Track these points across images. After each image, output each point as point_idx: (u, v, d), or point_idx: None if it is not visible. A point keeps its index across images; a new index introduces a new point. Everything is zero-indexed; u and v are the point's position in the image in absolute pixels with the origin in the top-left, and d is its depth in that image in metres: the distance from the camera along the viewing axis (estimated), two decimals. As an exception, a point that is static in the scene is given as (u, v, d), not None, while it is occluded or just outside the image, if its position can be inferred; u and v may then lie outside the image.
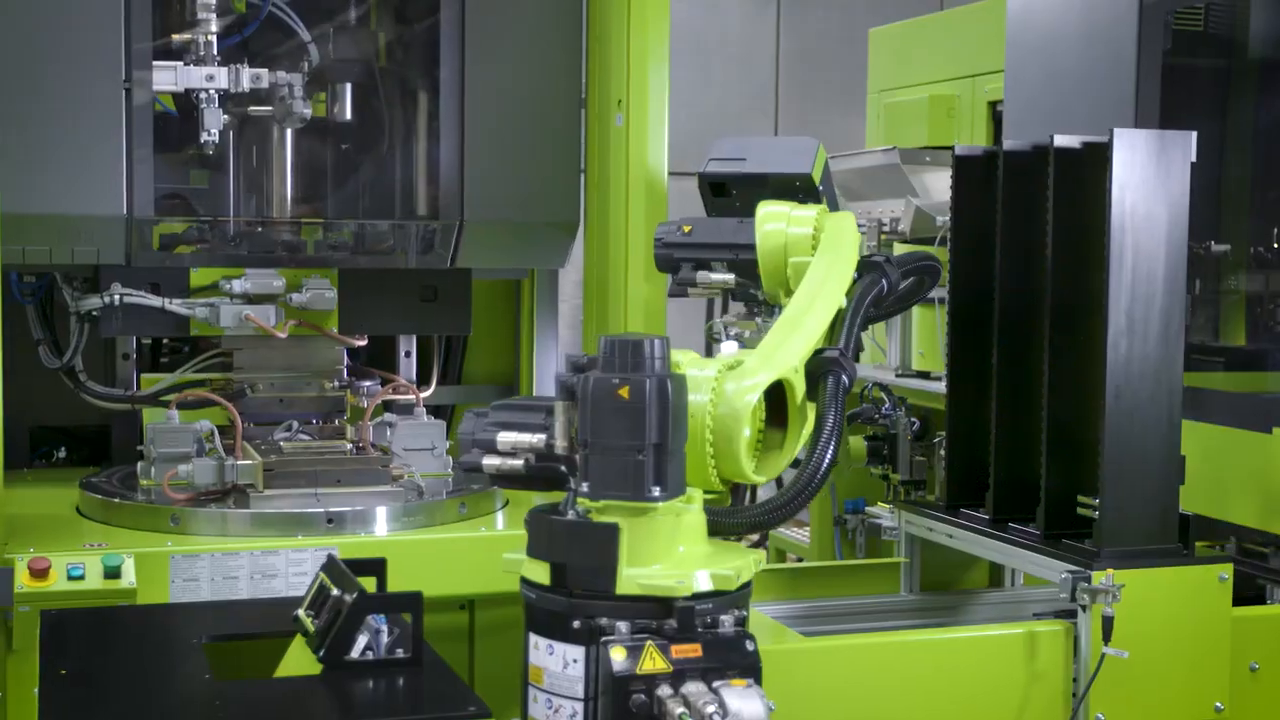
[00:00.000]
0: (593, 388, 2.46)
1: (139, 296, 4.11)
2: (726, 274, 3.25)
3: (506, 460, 2.61)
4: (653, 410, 2.43)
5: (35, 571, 3.35)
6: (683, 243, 3.29)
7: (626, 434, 2.44)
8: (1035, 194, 3.44)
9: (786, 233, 3.14)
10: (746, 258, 3.19)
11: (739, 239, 3.22)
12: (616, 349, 2.47)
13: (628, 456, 2.44)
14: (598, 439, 2.46)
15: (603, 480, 2.46)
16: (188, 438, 4.02)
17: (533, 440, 2.58)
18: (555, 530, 2.54)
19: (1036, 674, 3.13)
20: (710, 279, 3.26)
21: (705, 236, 3.30)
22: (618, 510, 2.48)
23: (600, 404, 2.44)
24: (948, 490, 3.70)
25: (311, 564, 3.64)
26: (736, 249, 3.22)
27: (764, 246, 3.15)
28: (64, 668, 2.54)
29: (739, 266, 3.25)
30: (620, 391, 2.43)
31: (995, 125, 6.21)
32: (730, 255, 3.24)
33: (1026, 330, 3.48)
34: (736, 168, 3.39)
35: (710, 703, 2.39)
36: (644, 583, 2.47)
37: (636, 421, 2.44)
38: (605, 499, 2.48)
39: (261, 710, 2.41)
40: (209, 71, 3.99)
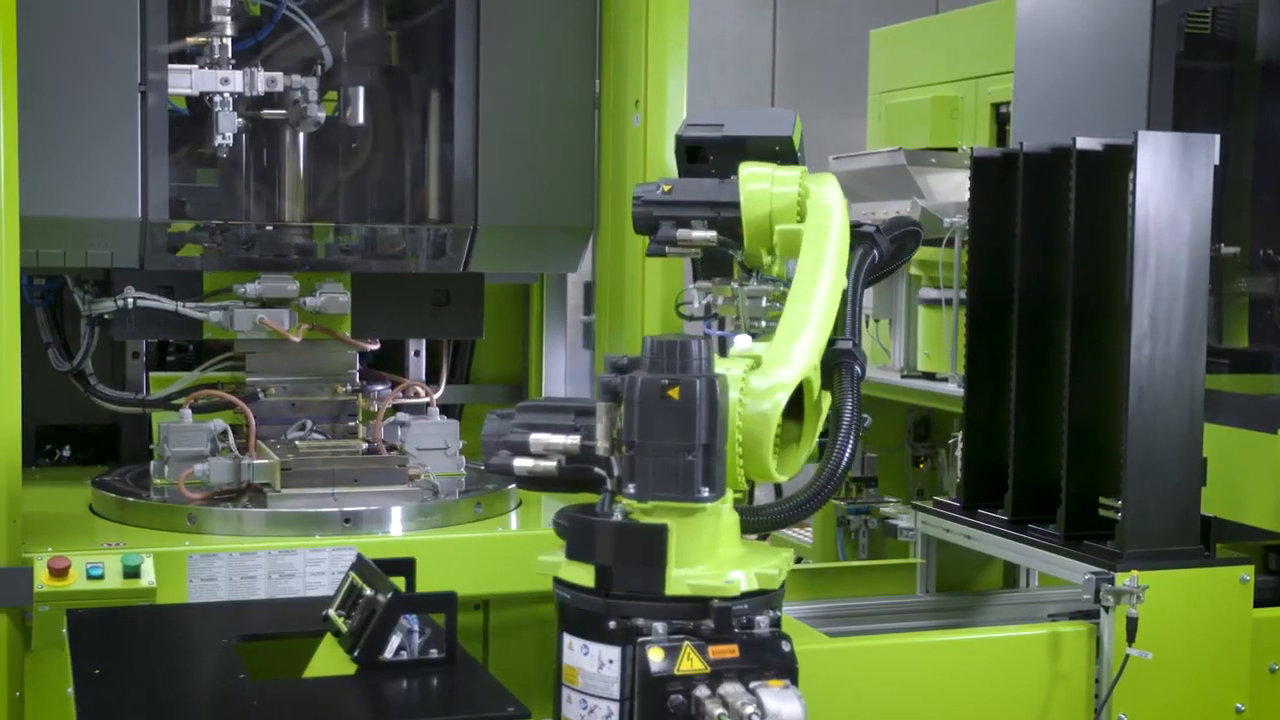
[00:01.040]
0: (641, 388, 2.46)
1: (153, 300, 4.10)
2: (708, 231, 3.16)
3: (539, 462, 2.60)
4: (703, 411, 2.44)
5: (55, 571, 3.34)
6: (662, 200, 3.21)
7: (676, 434, 2.45)
8: (1054, 195, 3.46)
9: (771, 192, 3.09)
10: (729, 215, 3.13)
11: (721, 197, 3.16)
12: (665, 350, 2.47)
13: (677, 457, 2.45)
14: (646, 440, 2.46)
15: (651, 481, 2.47)
16: (202, 437, 4.01)
17: (566, 442, 2.57)
18: (601, 532, 2.53)
19: (1059, 675, 3.14)
20: (691, 236, 3.16)
21: (686, 195, 3.21)
22: (666, 511, 2.48)
23: (649, 405, 2.44)
24: (964, 491, 3.72)
25: (329, 564, 3.64)
26: (718, 207, 3.15)
27: (748, 205, 3.10)
28: (96, 667, 2.53)
29: (720, 225, 3.17)
30: (670, 392, 2.43)
31: (998, 127, 6.23)
32: (711, 213, 3.15)
33: (1045, 331, 3.50)
34: (714, 132, 3.32)
35: (749, 703, 2.40)
36: (693, 583, 2.48)
37: (686, 422, 2.44)
38: (654, 500, 2.48)
39: (301, 711, 2.41)
40: (224, 75, 3.98)
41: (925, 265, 5.53)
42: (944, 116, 6.45)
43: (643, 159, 4.03)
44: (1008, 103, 6.12)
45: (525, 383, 4.97)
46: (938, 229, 5.41)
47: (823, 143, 10.37)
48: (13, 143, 3.37)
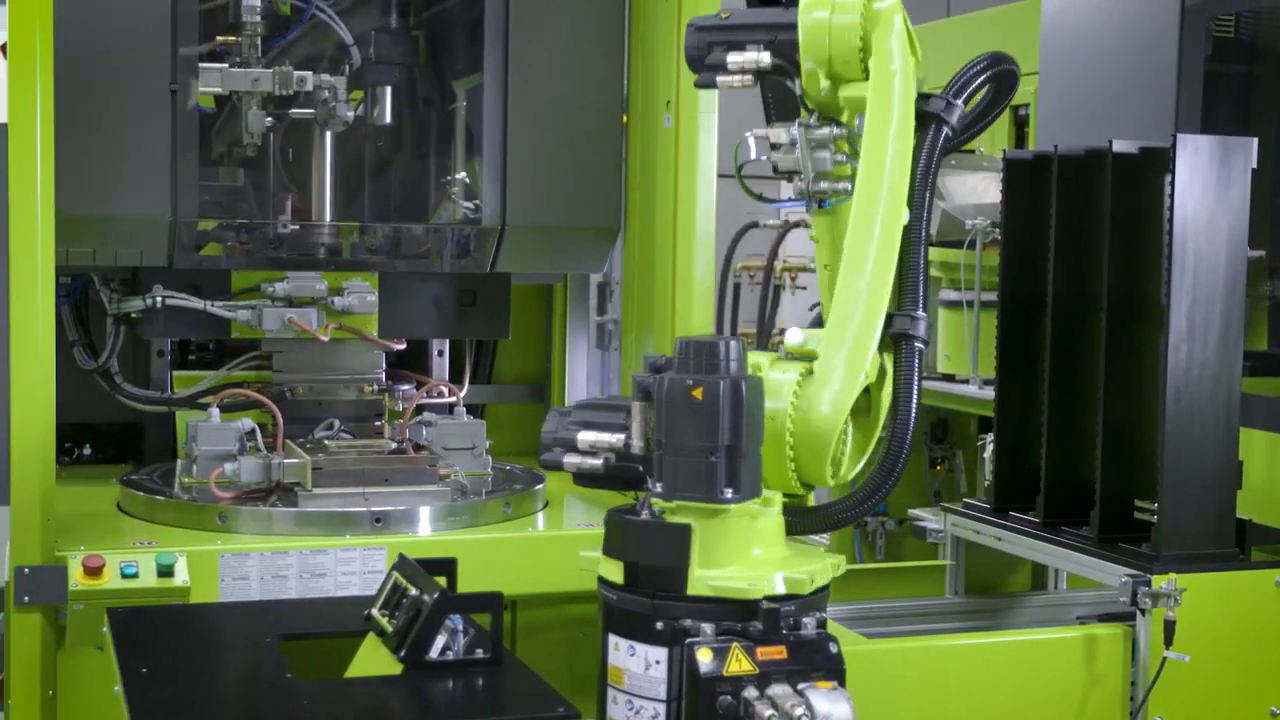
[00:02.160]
0: (667, 389, 2.46)
1: (181, 299, 4.11)
2: (762, 53, 2.84)
3: (586, 459, 2.61)
4: (725, 412, 2.44)
5: (89, 569, 3.34)
6: (716, 25, 2.90)
7: (699, 435, 2.45)
8: (1089, 198, 3.46)
9: (830, 23, 2.76)
10: (785, 38, 2.81)
11: (775, 19, 2.86)
12: (692, 350, 2.48)
13: (700, 458, 2.45)
14: (671, 439, 2.46)
15: (676, 481, 2.48)
16: (230, 436, 4.00)
17: (612, 440, 2.58)
18: (629, 530, 2.54)
19: (1095, 677, 3.15)
20: (744, 58, 2.84)
21: (743, 19, 2.90)
22: (691, 511, 2.49)
23: (674, 405, 2.45)
24: (995, 493, 3.72)
25: (360, 564, 3.64)
26: (775, 29, 2.84)
27: (807, 32, 2.78)
28: (142, 666, 2.53)
29: (777, 48, 2.85)
30: (694, 393, 2.44)
31: (1017, 129, 6.23)
32: (767, 36, 2.84)
33: (1078, 333, 3.51)
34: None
35: (798, 705, 2.40)
36: (716, 584, 2.48)
37: (709, 423, 2.45)
38: (678, 499, 2.49)
39: (352, 710, 2.41)
40: (254, 74, 3.98)
41: (946, 267, 5.53)
42: (962, 119, 6.44)
43: (674, 160, 4.04)
44: (1027, 105, 6.12)
45: (548, 383, 4.98)
46: (959, 231, 5.41)
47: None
48: (49, 142, 3.37)
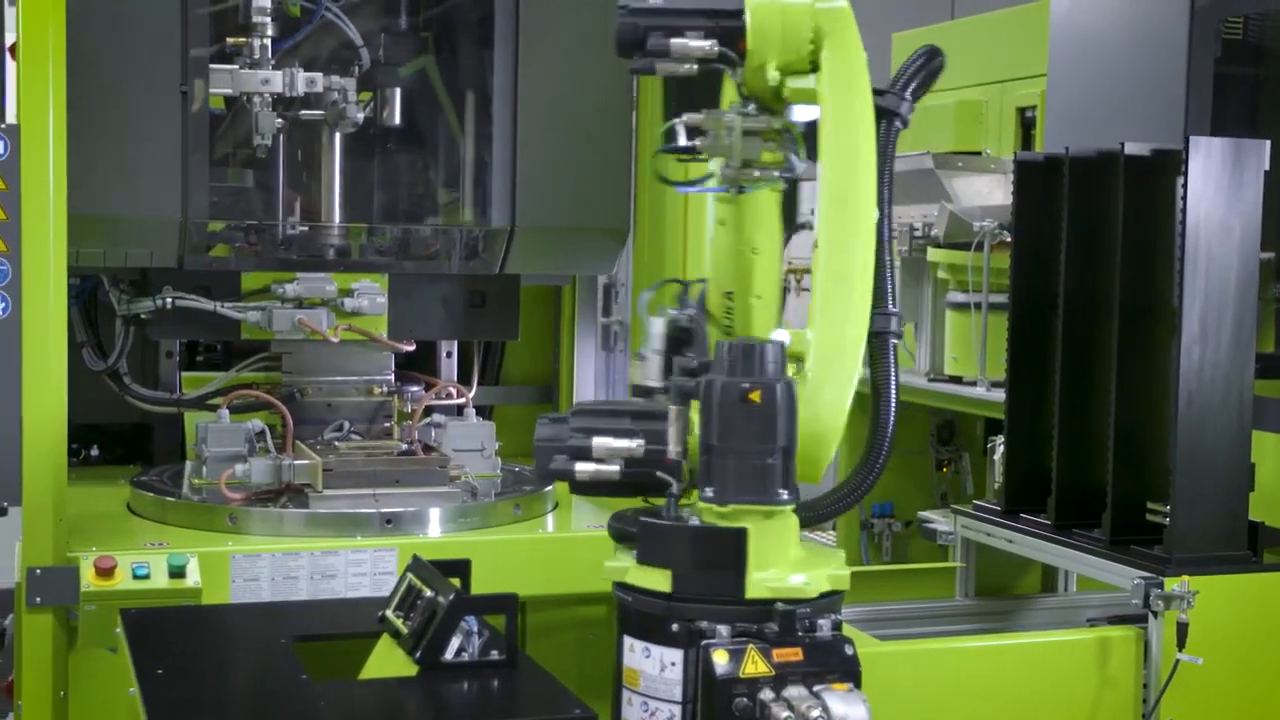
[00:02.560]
0: (722, 392, 2.45)
1: (191, 300, 4.11)
2: (705, 41, 2.66)
3: (601, 467, 2.59)
4: (783, 414, 2.44)
5: (101, 570, 3.34)
6: (654, 10, 2.70)
7: (755, 437, 2.45)
8: (1100, 200, 3.46)
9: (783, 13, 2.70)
10: (729, 25, 2.68)
11: (716, 4, 2.70)
12: (740, 353, 2.48)
13: (758, 460, 2.45)
14: (726, 443, 2.46)
15: (732, 484, 2.47)
16: (240, 437, 4.00)
17: (631, 446, 2.57)
18: (678, 536, 2.52)
19: (1107, 680, 3.15)
20: (688, 46, 2.65)
21: (681, 3, 2.72)
22: (746, 514, 2.48)
23: (730, 408, 2.44)
24: (1006, 495, 3.72)
25: (371, 565, 3.64)
26: (717, 16, 2.68)
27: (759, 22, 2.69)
28: (157, 667, 2.53)
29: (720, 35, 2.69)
30: (751, 395, 2.43)
31: (1024, 131, 6.24)
32: (709, 23, 2.68)
33: (1089, 335, 3.51)
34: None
35: (814, 707, 2.40)
36: (772, 586, 2.48)
37: (768, 425, 2.45)
38: (735, 503, 2.47)
39: (369, 712, 2.41)
40: (264, 75, 3.98)
41: (954, 269, 5.53)
42: (969, 120, 6.46)
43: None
44: (1033, 107, 6.13)
45: (555, 384, 4.97)
46: (967, 233, 5.41)
47: (839, 146, 10.41)
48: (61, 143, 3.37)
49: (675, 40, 2.66)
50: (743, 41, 2.69)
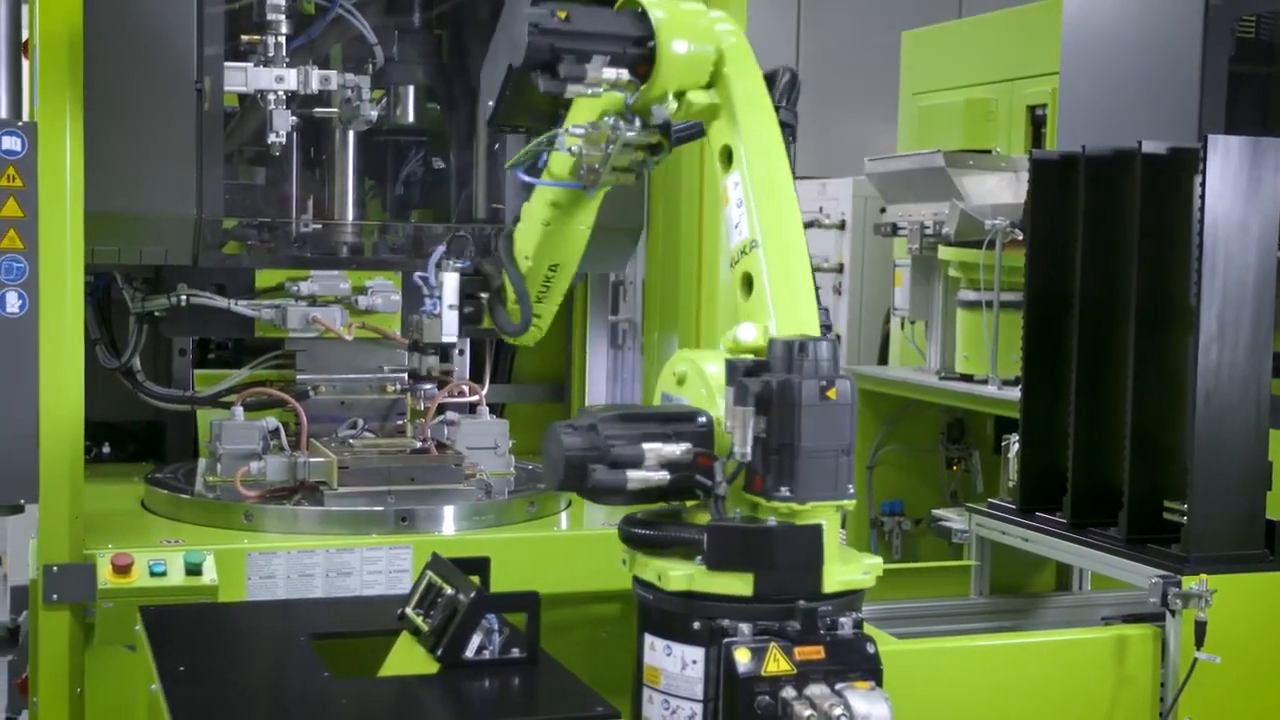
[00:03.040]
0: (803, 391, 2.46)
1: (205, 297, 4.11)
2: (621, 70, 2.72)
3: (652, 474, 2.54)
4: (853, 411, 2.46)
5: (118, 568, 3.34)
6: (564, 30, 2.71)
7: (831, 435, 2.46)
8: (1117, 198, 3.46)
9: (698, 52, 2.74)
10: (638, 53, 2.73)
11: (625, 30, 2.74)
12: (800, 350, 2.48)
13: (831, 458, 2.46)
14: (806, 441, 2.46)
15: (808, 483, 2.47)
16: (254, 434, 4.01)
17: (677, 451, 2.55)
18: (757, 536, 2.51)
19: (1124, 678, 3.15)
20: (601, 75, 2.70)
21: (587, 24, 2.74)
22: (821, 511, 2.50)
23: (810, 407, 2.45)
24: (1021, 494, 3.72)
25: (386, 562, 3.64)
26: (623, 41, 2.72)
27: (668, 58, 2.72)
28: (178, 665, 2.53)
29: (624, 62, 2.74)
30: (829, 393, 2.44)
31: (1034, 129, 6.25)
32: (617, 48, 2.72)
33: (1106, 334, 3.51)
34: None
35: (836, 705, 2.39)
36: (842, 579, 2.50)
37: (842, 422, 2.47)
38: (813, 501, 2.48)
39: (392, 709, 2.41)
40: (278, 73, 3.98)
41: (965, 267, 5.54)
42: (978, 118, 6.46)
43: (700, 159, 4.03)
44: (1043, 105, 6.14)
45: (567, 382, 4.97)
46: (978, 231, 5.42)
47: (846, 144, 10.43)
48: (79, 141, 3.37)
49: (590, 68, 2.71)
50: (646, 66, 2.75)
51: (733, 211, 2.72)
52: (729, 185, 2.75)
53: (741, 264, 2.70)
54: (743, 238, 2.69)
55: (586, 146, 2.89)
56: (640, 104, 2.81)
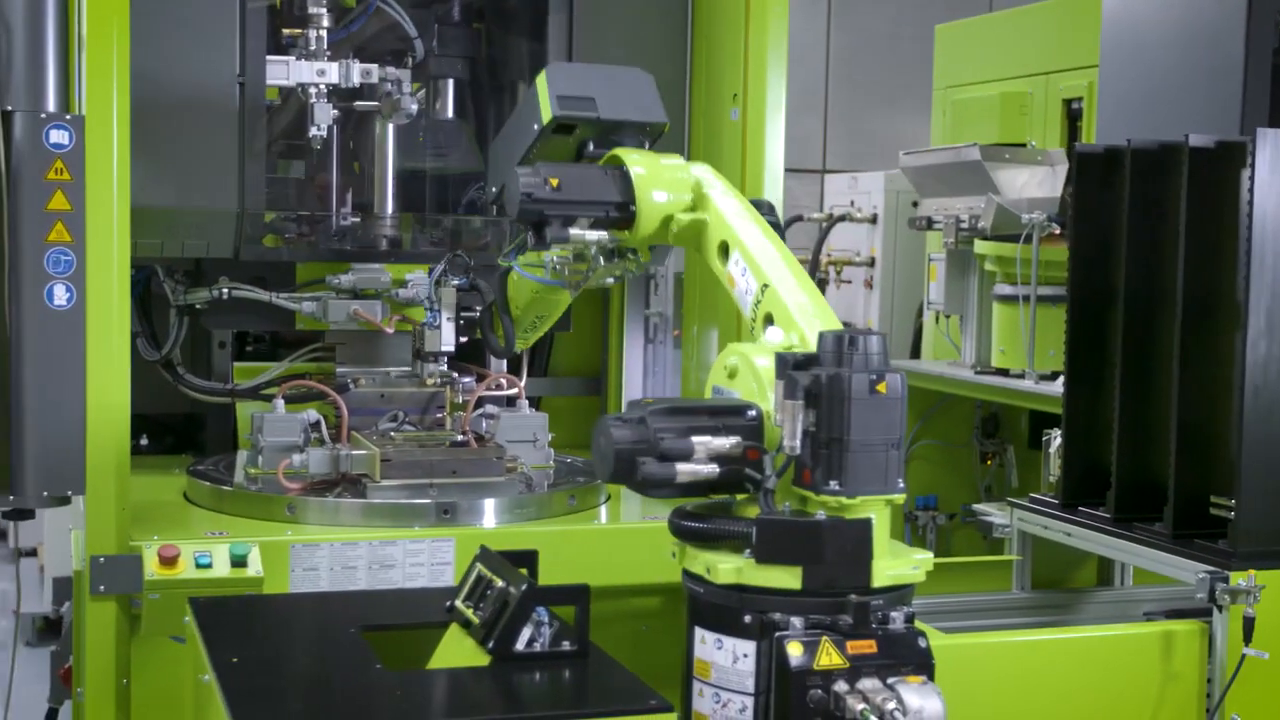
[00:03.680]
0: (854, 385, 2.46)
1: (247, 290, 4.13)
2: (602, 232, 3.15)
3: (701, 468, 2.57)
4: (903, 405, 2.46)
5: (165, 559, 3.35)
6: (554, 199, 3.11)
7: (882, 429, 2.47)
8: (1162, 192, 3.45)
9: (669, 197, 3.12)
10: (618, 216, 3.13)
11: (608, 195, 3.13)
12: (851, 344, 2.48)
13: (881, 452, 2.48)
14: (856, 435, 2.47)
15: (857, 476, 2.48)
16: (295, 427, 4.01)
17: (727, 445, 2.56)
18: (807, 530, 2.52)
19: (1171, 674, 3.14)
20: (586, 237, 3.13)
21: (576, 193, 3.13)
22: (871, 505, 2.51)
23: (860, 400, 2.45)
24: (1063, 488, 3.71)
25: (428, 555, 3.65)
26: (607, 206, 3.12)
27: (646, 209, 3.11)
28: (231, 656, 2.54)
29: (607, 223, 3.17)
30: (879, 387, 2.44)
31: (1070, 122, 6.22)
32: (601, 213, 3.12)
33: (1151, 329, 3.49)
34: (588, 112, 3.27)
35: (889, 699, 2.40)
36: (892, 574, 2.52)
37: (893, 416, 2.48)
38: (862, 495, 2.48)
39: (448, 700, 2.42)
40: (320, 66, 3.99)
41: (1002, 261, 5.53)
42: (1013, 112, 6.44)
43: (741, 153, 4.04)
44: (1079, 98, 6.11)
45: (604, 376, 4.97)
46: (1015, 225, 5.41)
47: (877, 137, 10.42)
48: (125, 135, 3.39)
49: (575, 231, 3.13)
50: (628, 220, 3.13)
51: (740, 282, 2.94)
52: (732, 270, 2.98)
53: (762, 307, 2.84)
54: (754, 289, 2.88)
55: (571, 265, 3.25)
56: (625, 245, 3.20)
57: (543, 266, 3.39)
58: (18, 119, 3.38)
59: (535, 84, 3.33)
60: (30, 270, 3.39)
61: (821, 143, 10.52)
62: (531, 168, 3.15)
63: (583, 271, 3.27)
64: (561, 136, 3.30)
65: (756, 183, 4.04)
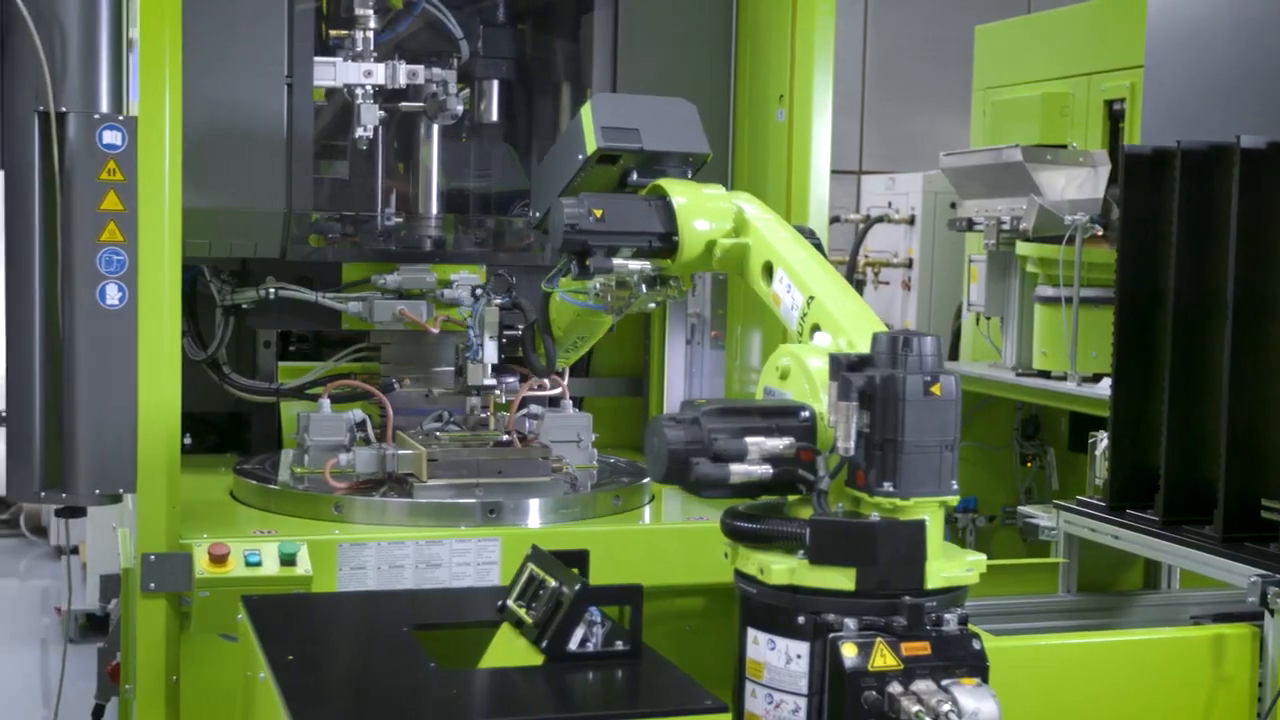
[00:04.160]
0: (908, 386, 2.46)
1: (294, 291, 4.15)
2: (645, 262, 3.22)
3: (754, 468, 2.56)
4: (958, 407, 2.46)
5: (215, 557, 3.38)
6: (597, 230, 3.18)
7: (936, 430, 2.47)
8: (1212, 194, 3.43)
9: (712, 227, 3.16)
10: (660, 246, 3.19)
11: (651, 226, 3.19)
12: (905, 345, 2.48)
13: (935, 453, 2.47)
14: (911, 437, 2.46)
15: (911, 478, 2.47)
16: (341, 426, 4.03)
17: (780, 445, 2.56)
18: (860, 531, 2.51)
19: (1222, 678, 3.13)
20: (629, 267, 3.21)
21: (619, 224, 3.20)
22: (925, 507, 2.50)
23: (914, 402, 2.45)
24: (1111, 491, 3.70)
25: (475, 554, 3.66)
26: (650, 237, 3.19)
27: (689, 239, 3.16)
28: (287, 654, 2.56)
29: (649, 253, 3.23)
30: (933, 389, 2.44)
31: (1111, 124, 6.19)
32: (644, 243, 3.19)
33: (1200, 331, 3.48)
34: (631, 143, 3.31)
35: (944, 701, 2.39)
36: (945, 576, 2.51)
37: (947, 418, 2.47)
38: (916, 496, 2.48)
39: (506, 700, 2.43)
40: (367, 68, 4.01)
41: (1044, 263, 5.51)
42: (1054, 113, 6.41)
43: (788, 154, 4.04)
44: (1122, 99, 6.08)
45: (645, 376, 4.98)
46: (1058, 226, 5.39)
47: (913, 139, 10.40)
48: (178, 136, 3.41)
49: (617, 261, 3.20)
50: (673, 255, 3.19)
51: (785, 299, 2.96)
52: (777, 288, 3.00)
53: (808, 319, 2.85)
54: (800, 303, 2.89)
55: (613, 292, 3.31)
56: (667, 273, 3.25)
57: (585, 291, 3.44)
58: (71, 120, 3.42)
59: (580, 114, 3.37)
60: (83, 270, 3.42)
61: (858, 144, 10.50)
62: (576, 199, 3.21)
63: (625, 298, 3.34)
64: (605, 166, 3.35)
65: (803, 185, 4.04)
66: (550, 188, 3.44)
